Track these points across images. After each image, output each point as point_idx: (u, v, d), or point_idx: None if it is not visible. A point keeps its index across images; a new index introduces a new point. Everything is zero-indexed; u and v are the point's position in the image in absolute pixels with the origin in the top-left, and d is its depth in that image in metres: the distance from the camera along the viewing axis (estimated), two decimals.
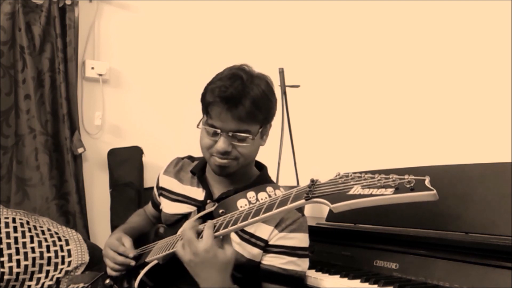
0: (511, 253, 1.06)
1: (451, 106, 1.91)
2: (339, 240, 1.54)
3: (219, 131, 1.20)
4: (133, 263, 1.29)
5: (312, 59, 2.68)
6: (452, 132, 1.89)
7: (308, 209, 2.24)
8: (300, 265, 1.24)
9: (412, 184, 0.69)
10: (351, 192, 0.75)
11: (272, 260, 1.22)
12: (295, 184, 2.33)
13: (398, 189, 0.70)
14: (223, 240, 1.06)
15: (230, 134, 1.20)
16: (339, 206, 0.75)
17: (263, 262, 1.24)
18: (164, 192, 1.44)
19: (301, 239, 1.25)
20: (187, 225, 1.06)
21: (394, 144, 2.12)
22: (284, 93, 2.33)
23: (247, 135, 1.22)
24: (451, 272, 1.16)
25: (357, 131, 2.36)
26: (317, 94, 2.63)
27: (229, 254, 1.05)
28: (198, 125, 1.28)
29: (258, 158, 1.39)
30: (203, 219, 1.14)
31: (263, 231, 1.23)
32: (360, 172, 0.78)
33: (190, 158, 1.50)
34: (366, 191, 0.72)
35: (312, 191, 0.83)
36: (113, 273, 1.33)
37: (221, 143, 1.20)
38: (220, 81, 1.21)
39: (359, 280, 1.25)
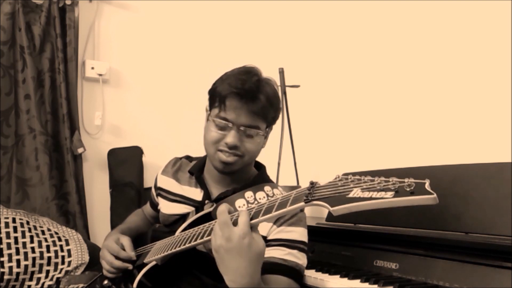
0: (511, 253, 1.06)
1: (451, 106, 1.91)
2: (339, 240, 1.54)
3: (231, 124, 1.20)
4: (130, 267, 1.29)
5: (312, 59, 2.68)
6: (452, 132, 1.89)
7: (308, 209, 2.24)
8: (300, 258, 1.22)
9: (412, 188, 0.68)
10: (350, 195, 0.74)
11: (272, 253, 1.20)
12: (295, 184, 2.33)
13: (398, 193, 0.69)
14: (253, 230, 0.95)
15: (242, 128, 1.20)
16: (338, 209, 0.74)
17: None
18: (162, 192, 1.44)
19: (300, 233, 1.24)
20: (221, 207, 0.96)
21: (394, 144, 2.12)
22: (284, 93, 2.33)
23: (257, 131, 1.22)
24: (451, 272, 1.16)
25: (357, 131, 2.36)
26: (317, 94, 2.63)
27: (261, 244, 0.95)
28: (207, 118, 1.27)
29: (258, 158, 1.40)
30: (202, 219, 1.13)
31: (262, 228, 1.22)
32: (360, 174, 0.78)
33: (188, 158, 1.50)
34: (366, 194, 0.72)
35: (312, 193, 0.82)
36: (109, 275, 1.33)
37: (231, 137, 1.19)
38: (235, 75, 1.21)
39: (359, 280, 1.25)
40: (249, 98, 1.18)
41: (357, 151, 2.33)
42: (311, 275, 1.34)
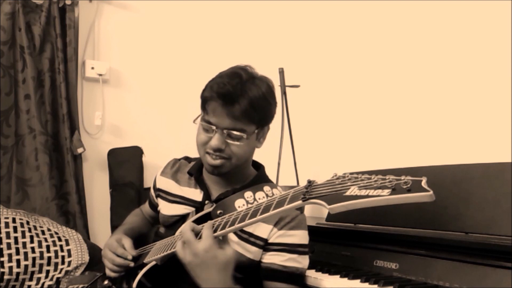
0: (511, 253, 1.05)
1: (451, 106, 1.91)
2: (339, 240, 1.54)
3: (214, 127, 1.21)
4: (131, 264, 1.29)
5: (312, 59, 2.68)
6: (452, 132, 1.88)
7: (308, 209, 2.24)
8: (300, 262, 1.24)
9: (408, 185, 0.68)
10: (348, 193, 0.74)
11: (272, 258, 1.22)
12: (295, 184, 2.33)
13: (394, 190, 0.69)
14: (222, 240, 1.06)
15: (225, 131, 1.20)
16: (336, 207, 0.74)
17: (263, 260, 1.23)
18: (162, 193, 1.44)
19: (301, 236, 1.24)
20: (185, 226, 1.05)
21: (393, 144, 2.12)
22: (284, 93, 2.33)
23: (242, 134, 1.21)
24: (451, 272, 1.16)
25: (357, 131, 2.36)
26: (317, 94, 2.63)
27: (229, 253, 1.04)
28: (194, 120, 1.28)
29: (258, 158, 1.39)
30: (202, 220, 1.14)
31: (262, 230, 1.23)
32: (358, 173, 0.78)
33: (187, 159, 1.50)
34: (363, 192, 0.72)
35: (309, 191, 0.83)
36: (112, 274, 1.33)
37: (215, 140, 1.20)
38: (220, 78, 1.22)
39: (359, 280, 1.25)
40: (228, 101, 1.18)
41: (357, 151, 2.33)
42: (311, 275, 1.34)
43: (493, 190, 1.27)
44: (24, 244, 1.97)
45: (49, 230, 2.09)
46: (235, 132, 1.21)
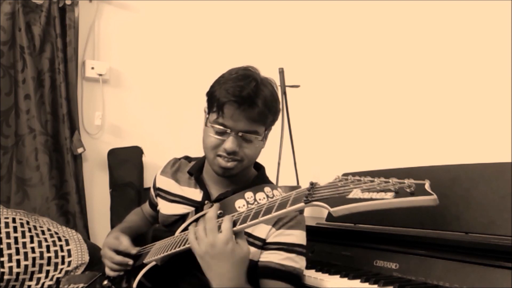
0: (511, 253, 1.05)
1: (451, 106, 1.91)
2: (339, 240, 1.53)
3: (229, 130, 1.20)
4: (130, 262, 1.29)
5: (312, 59, 2.68)
6: (452, 132, 1.89)
7: (308, 209, 2.24)
8: (298, 262, 1.22)
9: (412, 188, 0.68)
10: (350, 196, 0.74)
11: (269, 257, 1.21)
12: (295, 184, 2.33)
13: (398, 193, 0.69)
14: (237, 236, 1.04)
15: (240, 134, 1.20)
16: (338, 210, 0.74)
17: (261, 259, 1.22)
18: (161, 193, 1.43)
19: (299, 236, 1.24)
20: (210, 213, 1.03)
21: (394, 144, 2.12)
22: (284, 93, 2.33)
23: (256, 135, 1.22)
24: (451, 272, 1.16)
25: (357, 131, 2.36)
26: (317, 94, 2.63)
27: (245, 249, 1.03)
28: (206, 123, 1.26)
29: (258, 158, 1.39)
30: None
31: (261, 230, 1.22)
32: (360, 174, 0.78)
33: (187, 158, 1.49)
34: (366, 195, 0.71)
35: (312, 194, 0.82)
36: (111, 273, 1.33)
37: (230, 143, 1.19)
38: (232, 81, 1.20)
39: (359, 280, 1.25)
40: (247, 105, 1.17)
41: (357, 151, 2.33)
42: (311, 275, 1.33)
43: (493, 190, 1.27)
44: (24, 244, 1.97)
45: (49, 230, 2.09)
46: (249, 135, 1.21)
